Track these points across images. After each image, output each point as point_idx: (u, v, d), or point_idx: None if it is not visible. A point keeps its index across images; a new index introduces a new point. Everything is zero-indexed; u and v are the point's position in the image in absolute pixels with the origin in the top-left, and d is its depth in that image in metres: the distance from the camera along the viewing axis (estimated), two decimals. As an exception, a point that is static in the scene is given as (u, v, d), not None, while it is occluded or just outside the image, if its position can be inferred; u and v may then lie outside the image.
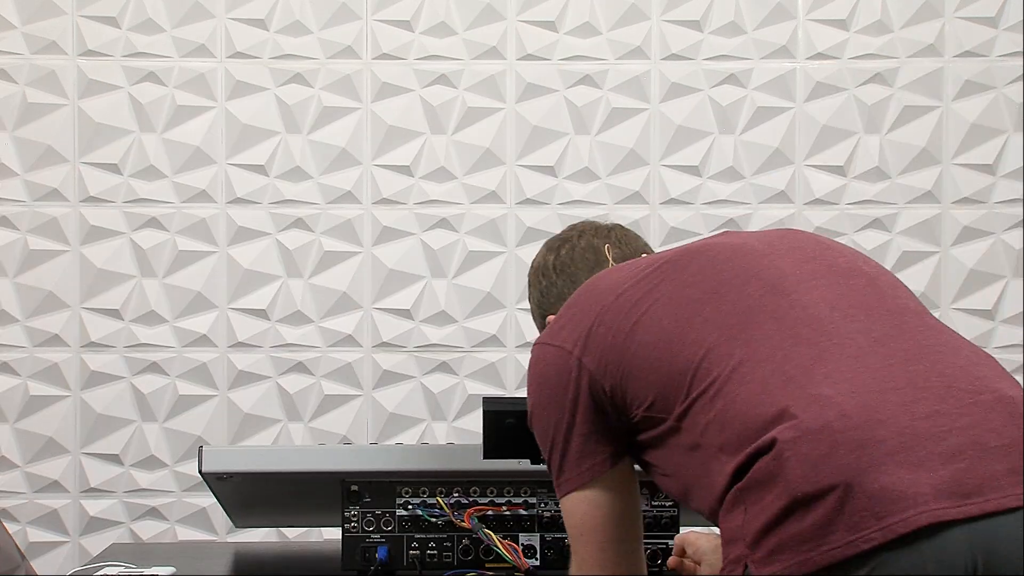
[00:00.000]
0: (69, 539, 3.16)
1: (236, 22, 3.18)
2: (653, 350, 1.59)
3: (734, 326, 1.55)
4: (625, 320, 1.63)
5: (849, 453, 1.39)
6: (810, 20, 3.20)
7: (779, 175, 3.19)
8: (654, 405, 1.60)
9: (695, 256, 1.67)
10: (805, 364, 1.48)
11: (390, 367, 3.18)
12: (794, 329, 1.53)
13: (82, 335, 3.15)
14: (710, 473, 1.54)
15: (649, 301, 1.63)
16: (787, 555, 1.40)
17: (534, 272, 2.01)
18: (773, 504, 1.42)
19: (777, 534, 1.41)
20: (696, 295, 1.60)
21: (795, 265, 1.63)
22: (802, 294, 1.57)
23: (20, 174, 3.15)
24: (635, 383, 1.62)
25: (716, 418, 1.52)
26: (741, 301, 1.57)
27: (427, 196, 3.19)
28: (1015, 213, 3.18)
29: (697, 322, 1.57)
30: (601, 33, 3.20)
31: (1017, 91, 3.17)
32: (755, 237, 1.73)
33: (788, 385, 1.47)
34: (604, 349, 1.64)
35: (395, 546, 2.11)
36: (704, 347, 1.55)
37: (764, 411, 1.46)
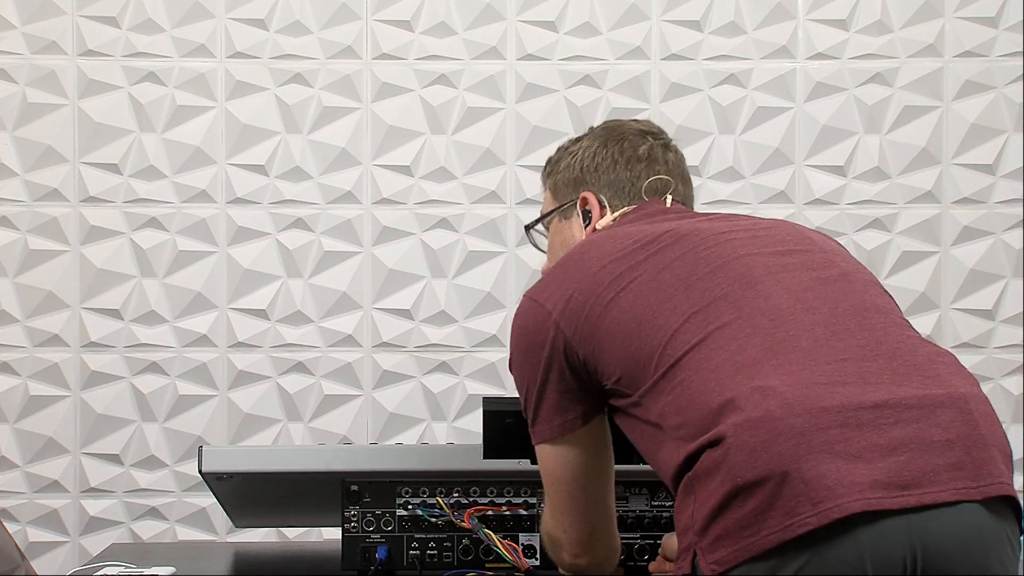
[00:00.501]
0: (69, 539, 3.16)
1: (236, 22, 3.18)
2: (624, 329, 1.62)
3: (697, 312, 1.58)
4: (604, 294, 1.66)
5: (788, 440, 1.41)
6: (810, 20, 3.20)
7: (779, 175, 3.19)
8: (621, 380, 1.64)
9: (680, 239, 1.69)
10: (756, 354, 1.50)
11: (390, 367, 3.18)
12: (752, 319, 1.55)
13: (82, 335, 3.15)
14: (667, 454, 1.57)
15: (628, 279, 1.66)
16: (730, 542, 1.43)
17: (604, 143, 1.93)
18: (717, 492, 1.44)
19: (721, 521, 1.44)
20: (671, 280, 1.63)
21: (771, 256, 1.65)
22: (768, 285, 1.59)
23: (20, 174, 3.15)
24: (605, 357, 1.65)
25: (673, 401, 1.55)
26: (709, 289, 1.60)
27: (427, 196, 3.19)
28: (1015, 213, 3.18)
29: (668, 307, 1.60)
30: (601, 33, 3.20)
31: (1017, 91, 3.17)
32: (743, 225, 1.74)
33: (737, 375, 1.49)
34: (580, 320, 1.68)
35: (395, 546, 2.11)
36: (669, 331, 1.58)
37: (713, 400, 1.49)
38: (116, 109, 3.16)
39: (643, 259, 1.67)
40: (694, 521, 1.48)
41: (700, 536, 1.46)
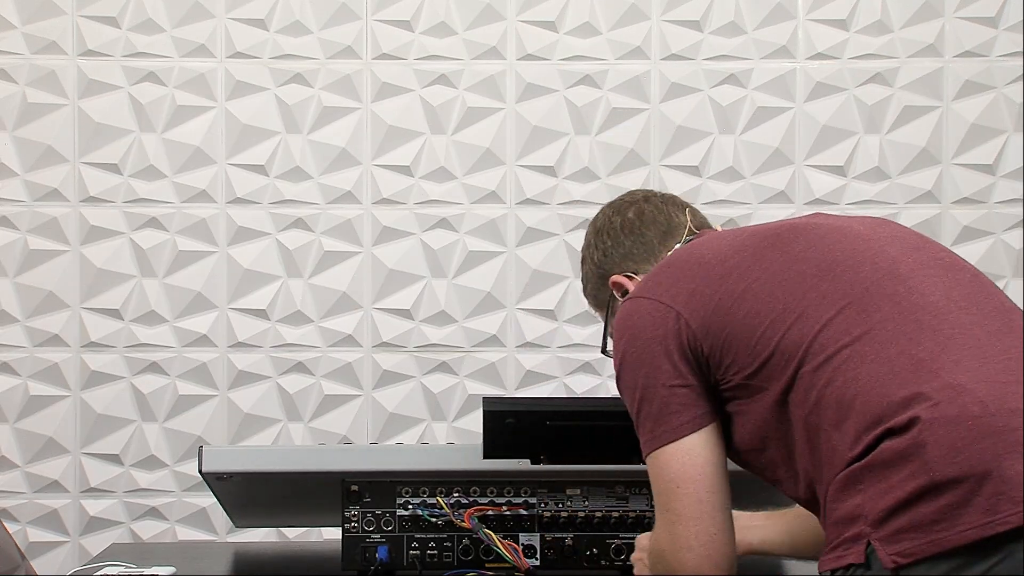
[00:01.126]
0: (69, 539, 3.16)
1: (236, 22, 3.18)
2: (763, 319, 1.62)
3: (851, 305, 1.58)
4: (733, 286, 1.65)
5: (987, 439, 1.42)
6: (810, 20, 3.20)
7: (779, 175, 3.19)
8: (757, 374, 1.62)
9: (801, 232, 1.70)
10: (933, 350, 1.51)
11: (390, 367, 3.18)
12: (914, 315, 1.56)
13: (82, 335, 3.15)
14: (815, 448, 1.56)
15: (758, 271, 1.65)
16: (917, 534, 1.43)
17: (596, 232, 2.02)
18: (904, 485, 1.44)
19: (908, 514, 1.44)
20: (808, 270, 1.63)
21: (903, 253, 1.66)
22: (917, 281, 1.60)
23: (20, 174, 3.15)
24: (739, 349, 1.63)
25: (832, 394, 1.54)
26: (857, 281, 1.60)
27: (427, 196, 3.19)
28: (1015, 213, 3.18)
29: (812, 297, 1.60)
30: (601, 33, 3.20)
31: (1017, 91, 3.17)
32: (855, 221, 1.75)
33: (919, 369, 1.50)
34: (709, 311, 1.66)
35: (395, 546, 2.11)
36: (820, 322, 1.58)
37: (894, 392, 1.49)
38: (116, 109, 3.16)
39: (768, 252, 1.67)
40: (866, 511, 1.47)
41: (876, 527, 1.46)
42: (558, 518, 2.11)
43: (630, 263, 1.94)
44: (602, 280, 1.98)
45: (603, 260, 1.98)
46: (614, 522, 2.12)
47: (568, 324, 3.17)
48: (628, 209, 2.00)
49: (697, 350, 1.67)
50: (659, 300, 1.70)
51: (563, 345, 3.18)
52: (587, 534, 2.12)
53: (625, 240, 1.96)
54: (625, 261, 1.94)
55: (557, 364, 3.18)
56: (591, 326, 3.16)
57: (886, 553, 1.45)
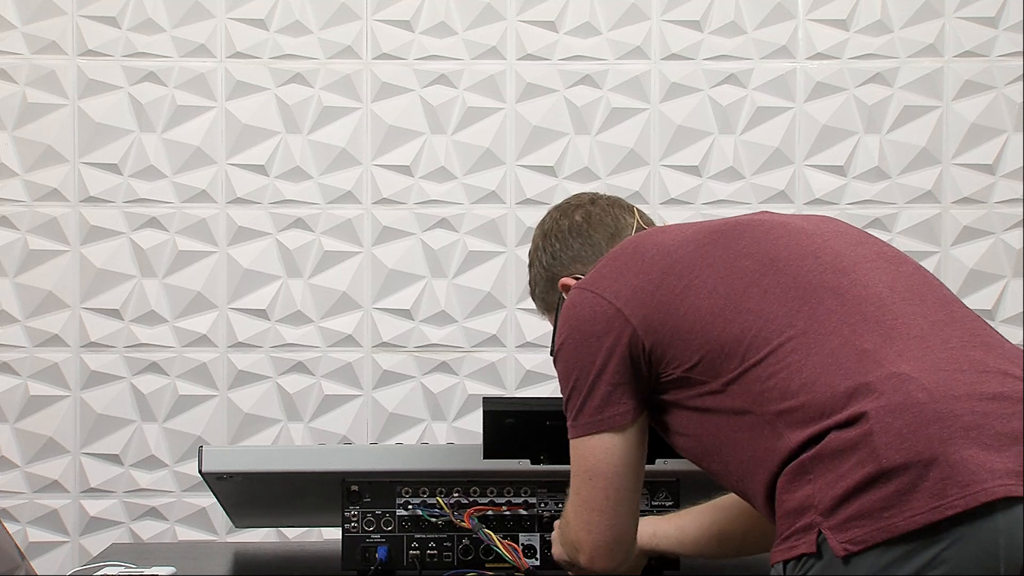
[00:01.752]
0: (69, 539, 3.16)
1: (236, 22, 3.18)
2: (706, 314, 1.63)
3: (795, 299, 1.59)
4: (676, 282, 1.67)
5: (933, 425, 1.44)
6: (810, 20, 3.20)
7: (779, 175, 3.19)
8: (698, 367, 1.64)
9: (745, 229, 1.71)
10: (877, 341, 1.53)
11: (390, 367, 3.18)
12: (858, 306, 1.57)
13: (82, 335, 3.15)
14: (759, 440, 1.58)
15: (702, 266, 1.67)
16: (867, 521, 1.44)
17: (544, 236, 2.03)
18: (853, 473, 1.46)
19: (856, 502, 1.45)
20: (752, 266, 1.64)
21: (846, 247, 1.68)
22: (860, 275, 1.62)
23: (20, 174, 3.15)
24: (681, 344, 1.65)
25: (776, 386, 1.55)
26: (800, 276, 1.62)
27: (427, 196, 3.19)
28: (1015, 213, 3.18)
29: (754, 292, 1.62)
30: (601, 33, 3.20)
31: (1017, 91, 3.17)
32: (798, 218, 1.77)
33: (863, 360, 1.51)
34: (651, 308, 1.67)
35: (395, 546, 2.11)
36: (763, 316, 1.59)
37: (839, 383, 1.51)
38: (116, 109, 3.16)
39: (712, 248, 1.69)
40: (816, 501, 1.49)
41: (827, 516, 1.47)
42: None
43: (578, 265, 1.95)
44: (550, 283, 1.99)
45: (551, 263, 1.99)
46: (614, 522, 2.12)
47: (568, 324, 3.17)
48: (574, 212, 2.01)
49: (638, 347, 1.69)
50: (602, 295, 1.72)
51: (563, 345, 3.18)
52: (587, 534, 2.12)
53: (573, 242, 1.97)
54: (573, 263, 1.96)
55: (557, 364, 3.18)
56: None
57: (837, 541, 1.46)
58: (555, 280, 1.98)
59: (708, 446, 1.68)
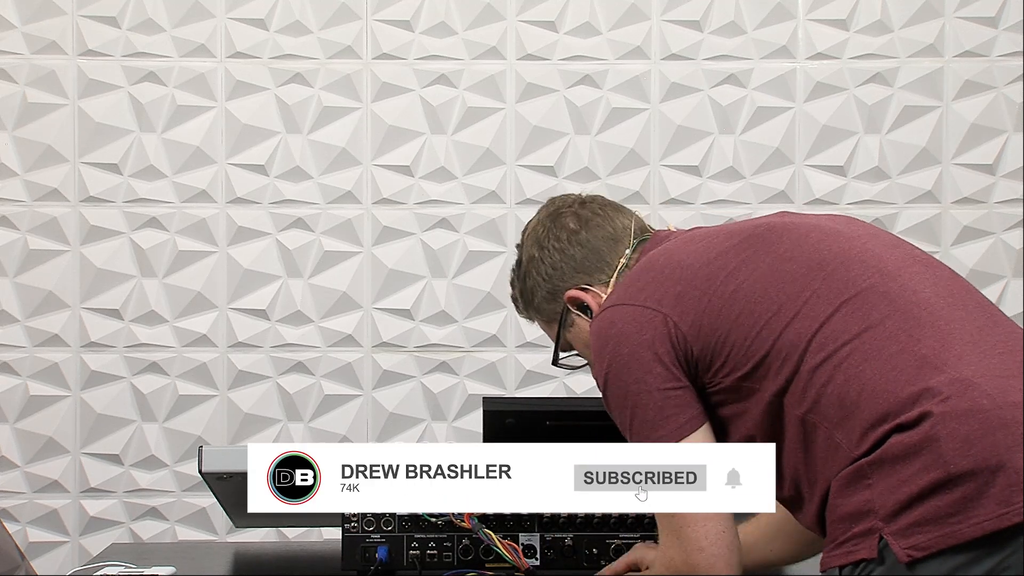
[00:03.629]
0: (69, 539, 3.16)
1: (236, 22, 3.18)
2: (759, 319, 1.61)
3: (847, 302, 1.59)
4: (722, 287, 1.65)
5: (999, 432, 1.44)
6: (810, 20, 3.20)
7: (779, 175, 3.19)
8: (751, 374, 1.62)
9: (782, 232, 1.70)
10: (934, 346, 1.53)
11: (390, 367, 3.18)
12: (911, 311, 1.57)
13: (82, 335, 3.15)
14: (810, 446, 1.57)
15: (746, 272, 1.65)
16: (932, 528, 1.44)
17: (538, 245, 1.91)
18: (918, 478, 1.45)
19: (922, 507, 1.45)
20: (799, 270, 1.63)
21: (885, 250, 1.67)
22: (906, 279, 1.62)
23: (20, 174, 3.15)
24: (733, 349, 1.63)
25: (833, 392, 1.55)
26: (850, 279, 1.61)
27: (427, 196, 3.19)
28: (1015, 213, 3.18)
29: (806, 296, 1.60)
30: (601, 33, 3.20)
31: (1017, 91, 3.17)
32: (825, 219, 1.76)
33: (923, 365, 1.51)
34: (700, 312, 1.65)
35: (395, 546, 2.11)
36: (818, 320, 1.58)
37: (900, 389, 1.50)
38: (116, 109, 3.16)
39: (754, 253, 1.67)
40: (876, 506, 1.48)
41: (889, 521, 1.47)
42: (558, 518, 2.11)
43: (582, 276, 1.87)
44: (552, 295, 1.90)
45: (552, 274, 1.89)
46: (614, 522, 2.12)
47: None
48: (566, 217, 1.91)
49: (687, 352, 1.66)
50: (643, 305, 1.68)
51: (563, 345, 3.18)
52: (587, 534, 2.12)
53: (574, 251, 1.88)
54: (577, 274, 1.87)
55: (557, 364, 3.18)
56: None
57: (900, 547, 1.45)
58: (557, 292, 1.89)
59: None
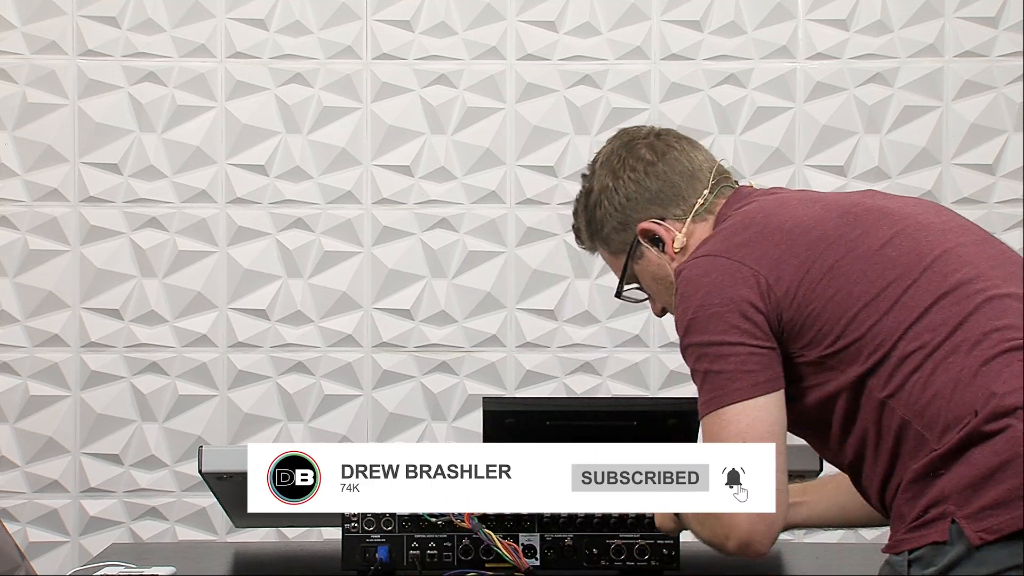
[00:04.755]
0: (69, 539, 3.16)
1: (236, 22, 3.18)
2: (856, 300, 1.61)
3: (946, 297, 1.59)
4: (821, 260, 1.64)
5: None
6: (810, 20, 3.20)
7: (779, 175, 3.19)
8: (837, 354, 1.61)
9: (880, 216, 1.69)
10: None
11: (390, 367, 3.18)
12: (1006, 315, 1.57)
13: (82, 335, 3.15)
14: (885, 432, 1.58)
15: (844, 249, 1.65)
16: (1002, 511, 1.46)
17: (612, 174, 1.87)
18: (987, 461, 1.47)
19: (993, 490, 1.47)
20: (900, 258, 1.63)
21: (975, 245, 1.68)
22: (999, 280, 1.62)
23: (20, 174, 3.15)
24: (824, 326, 1.62)
25: (918, 384, 1.55)
26: (948, 274, 1.61)
27: (427, 196, 3.19)
28: (1015, 213, 3.18)
29: (906, 284, 1.61)
30: (601, 33, 3.20)
31: (1017, 91, 3.17)
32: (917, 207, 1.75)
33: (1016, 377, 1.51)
34: (798, 281, 1.64)
35: (395, 546, 2.11)
36: (916, 312, 1.58)
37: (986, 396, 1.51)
38: (116, 109, 3.16)
39: (852, 230, 1.66)
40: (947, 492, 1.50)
41: (961, 505, 1.48)
42: (558, 518, 2.11)
43: (656, 208, 1.84)
44: (624, 225, 1.86)
45: (625, 204, 1.85)
46: (614, 522, 2.12)
47: (568, 324, 3.17)
48: (640, 148, 1.87)
49: (778, 317, 1.64)
50: (741, 262, 1.66)
51: (563, 345, 3.18)
52: (587, 534, 2.12)
53: (650, 183, 1.84)
54: (651, 206, 1.84)
55: (557, 364, 3.18)
56: (591, 326, 3.16)
57: (973, 530, 1.46)
58: (629, 223, 1.86)
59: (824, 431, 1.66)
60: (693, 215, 1.83)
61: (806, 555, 2.35)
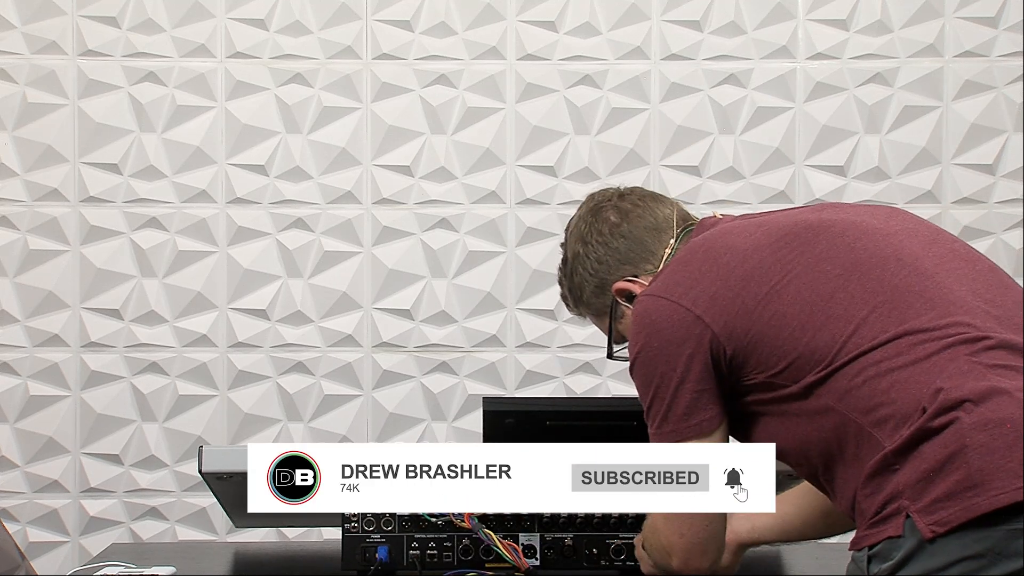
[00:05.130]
0: (69, 539, 3.16)
1: (236, 22, 3.18)
2: (793, 321, 1.63)
3: (884, 303, 1.60)
4: (757, 288, 1.66)
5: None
6: (810, 20, 3.20)
7: (779, 175, 3.19)
8: (784, 372, 1.64)
9: (819, 231, 1.71)
10: (973, 350, 1.54)
11: (390, 367, 3.18)
12: (949, 312, 1.58)
13: (82, 335, 3.15)
14: (843, 438, 1.60)
15: (782, 272, 1.67)
16: (952, 503, 1.46)
17: (581, 242, 1.94)
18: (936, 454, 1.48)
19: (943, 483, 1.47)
20: (834, 270, 1.65)
21: (922, 247, 1.68)
22: (942, 278, 1.63)
23: (20, 174, 3.15)
24: (766, 350, 1.65)
25: (864, 388, 1.57)
26: (885, 279, 1.63)
27: (427, 196, 3.19)
28: (1015, 213, 3.18)
29: (841, 296, 1.62)
30: (601, 33, 3.20)
31: (1017, 91, 3.17)
32: (866, 214, 1.76)
33: (961, 372, 1.52)
34: (733, 314, 1.67)
35: (395, 546, 2.11)
36: (853, 322, 1.60)
37: (931, 392, 1.52)
38: (116, 109, 3.16)
39: (789, 252, 1.68)
40: (902, 487, 1.51)
41: (914, 499, 1.50)
42: (558, 518, 2.11)
43: (628, 267, 1.89)
44: (600, 289, 1.93)
45: (599, 268, 1.92)
46: (614, 522, 2.12)
47: (568, 324, 3.17)
48: (606, 211, 1.94)
49: (719, 353, 1.68)
50: (679, 303, 1.69)
51: (563, 345, 3.18)
52: (587, 534, 2.12)
53: (617, 244, 1.91)
54: (622, 266, 1.90)
55: (557, 364, 3.18)
56: (591, 326, 3.15)
57: (924, 523, 1.48)
58: (605, 286, 1.91)
59: (790, 448, 1.69)
60: (663, 266, 1.85)
61: (806, 555, 2.35)
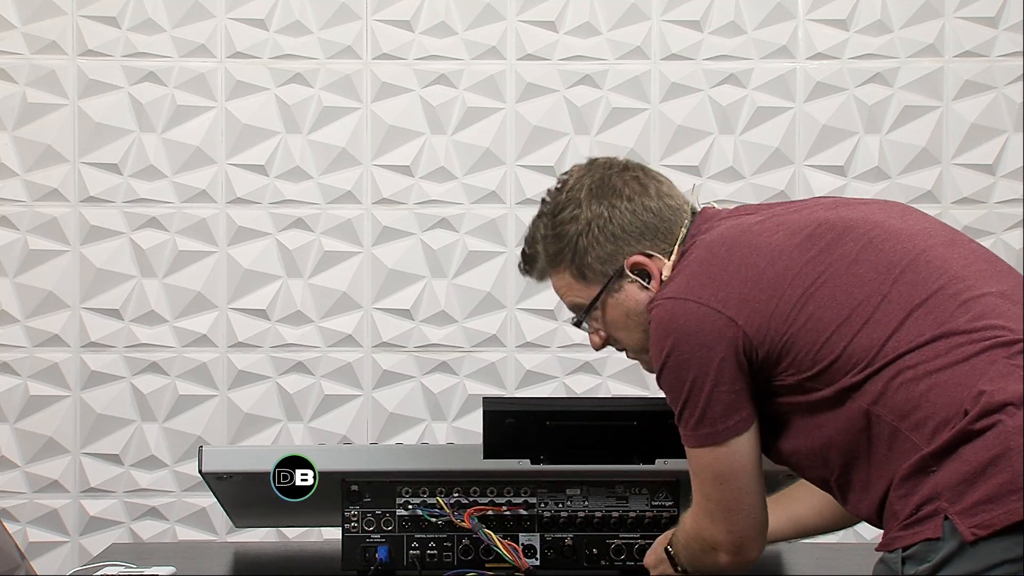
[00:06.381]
0: (69, 539, 3.16)
1: (236, 22, 3.18)
2: (829, 324, 1.63)
3: (920, 306, 1.60)
4: (791, 292, 1.65)
5: None
6: (810, 20, 3.20)
7: (779, 175, 3.19)
8: (818, 376, 1.64)
9: (843, 232, 1.70)
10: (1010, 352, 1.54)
11: (390, 367, 3.18)
12: (984, 315, 1.58)
13: (82, 335, 3.15)
14: (873, 441, 1.60)
15: (815, 274, 1.66)
16: (994, 506, 1.46)
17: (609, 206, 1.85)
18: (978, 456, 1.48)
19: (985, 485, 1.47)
20: (868, 273, 1.64)
21: (946, 248, 1.68)
22: (972, 280, 1.63)
23: (20, 174, 3.15)
24: (800, 353, 1.64)
25: (901, 390, 1.57)
26: (919, 282, 1.63)
27: (427, 196, 3.19)
28: (1015, 213, 3.18)
29: (876, 300, 1.62)
30: (601, 33, 3.20)
31: (1017, 91, 3.17)
32: (880, 213, 1.75)
33: (1001, 375, 1.52)
34: (767, 318, 1.65)
35: (395, 546, 2.11)
36: (891, 325, 1.60)
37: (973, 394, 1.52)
38: (116, 109, 3.16)
39: (820, 253, 1.67)
40: (940, 488, 1.51)
41: (953, 501, 1.49)
42: (558, 518, 2.11)
43: (647, 242, 1.81)
44: (611, 257, 1.81)
45: (619, 235, 1.81)
46: (614, 522, 2.12)
47: (568, 324, 3.16)
48: (627, 179, 1.89)
49: (751, 354, 1.67)
50: (709, 306, 1.67)
51: (563, 345, 3.18)
52: (587, 534, 2.12)
53: (645, 216, 1.82)
54: (643, 239, 1.81)
55: (557, 364, 3.18)
56: (591, 326, 3.16)
57: (965, 526, 1.47)
58: (617, 255, 1.82)
59: (811, 448, 1.69)
60: (675, 252, 1.81)
61: (806, 555, 2.35)
